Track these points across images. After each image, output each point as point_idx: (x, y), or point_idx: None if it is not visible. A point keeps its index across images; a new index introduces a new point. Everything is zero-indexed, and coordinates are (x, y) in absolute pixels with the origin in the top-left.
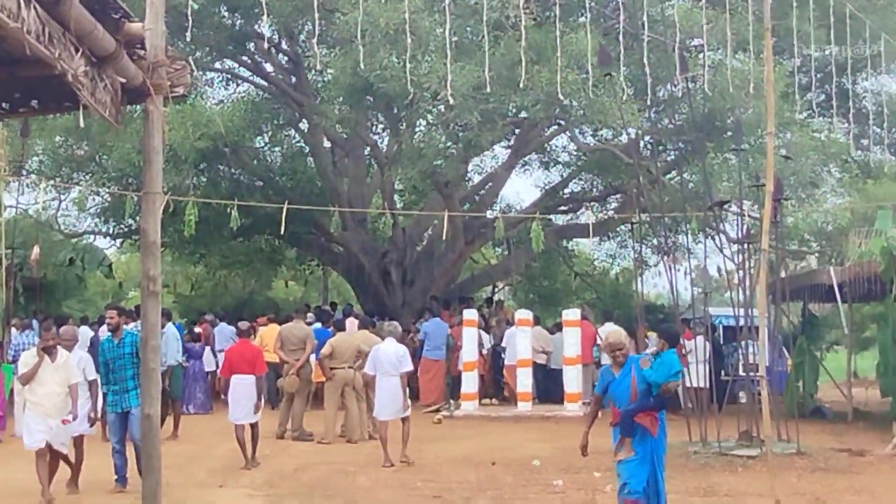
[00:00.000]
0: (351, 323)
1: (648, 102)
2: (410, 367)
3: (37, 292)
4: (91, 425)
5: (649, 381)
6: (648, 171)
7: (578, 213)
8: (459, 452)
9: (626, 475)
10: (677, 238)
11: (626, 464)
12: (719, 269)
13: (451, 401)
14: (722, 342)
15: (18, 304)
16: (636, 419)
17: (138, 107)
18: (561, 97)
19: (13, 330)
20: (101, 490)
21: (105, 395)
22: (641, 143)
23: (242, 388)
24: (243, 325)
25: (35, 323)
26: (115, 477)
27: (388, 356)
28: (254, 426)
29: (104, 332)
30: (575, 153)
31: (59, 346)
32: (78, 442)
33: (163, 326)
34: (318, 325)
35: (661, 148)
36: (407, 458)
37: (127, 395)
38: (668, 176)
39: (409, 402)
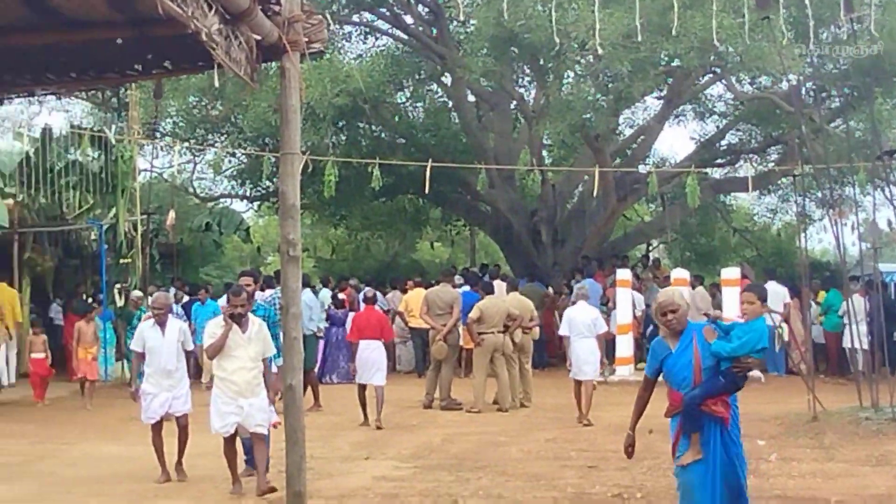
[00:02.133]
0: (499, 285)
1: (810, 46)
2: (605, 329)
3: (173, 259)
4: None
5: (720, 356)
6: (811, 119)
7: (736, 165)
8: (615, 420)
9: (694, 487)
10: (843, 190)
11: (692, 470)
12: (890, 223)
13: (606, 365)
14: (894, 300)
15: (155, 271)
16: (703, 407)
17: (274, 64)
18: (716, 43)
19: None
20: (223, 476)
21: None
22: (803, 90)
23: (370, 352)
24: (369, 291)
25: (172, 290)
26: (246, 458)
27: (583, 318)
28: (379, 389)
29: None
30: (732, 102)
31: (250, 315)
32: (182, 423)
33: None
34: (466, 287)
35: (824, 94)
36: (588, 421)
37: None
38: (833, 124)
39: (605, 361)
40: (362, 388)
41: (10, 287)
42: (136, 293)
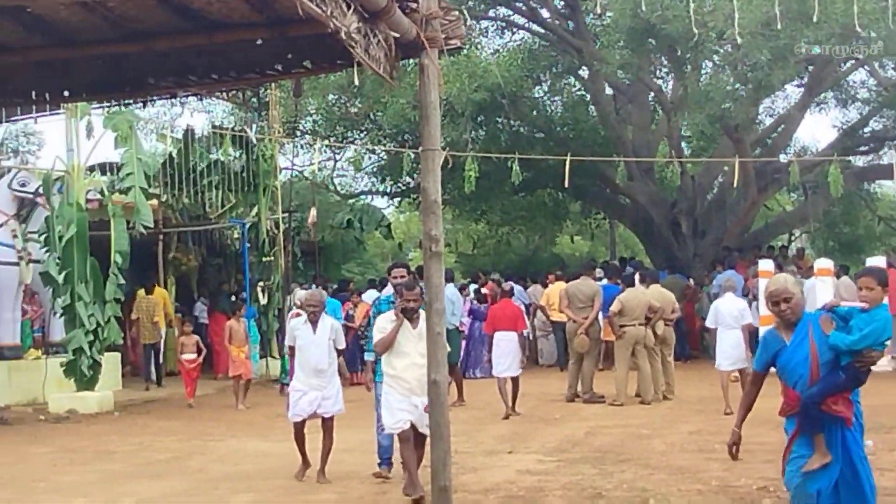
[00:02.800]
0: (639, 278)
1: None
2: (750, 320)
3: (315, 256)
4: None
5: (838, 350)
6: None
7: (880, 153)
8: (758, 412)
9: (823, 494)
10: None
11: (821, 477)
12: None
13: (751, 357)
14: None
15: (297, 268)
16: (824, 407)
17: (412, 61)
18: (858, 29)
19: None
20: (357, 476)
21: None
22: None
23: (505, 343)
24: (506, 284)
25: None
26: (379, 461)
27: (729, 310)
28: (515, 380)
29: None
30: (875, 88)
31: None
32: (329, 425)
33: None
34: (605, 280)
35: None
36: (732, 410)
37: None
38: None
39: (749, 354)
40: (502, 380)
41: (160, 287)
42: (301, 293)
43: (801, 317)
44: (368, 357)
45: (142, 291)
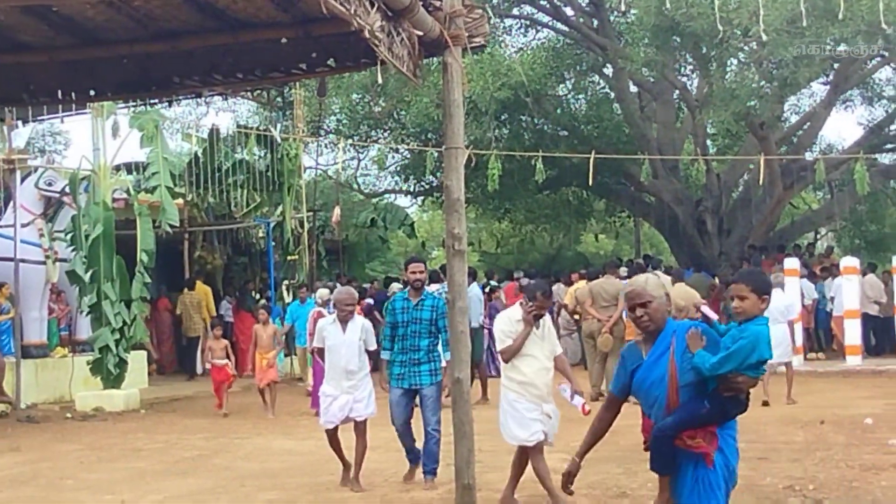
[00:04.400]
0: (664, 277)
1: None
2: (795, 315)
3: (339, 255)
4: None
5: (703, 372)
6: None
7: None
8: (784, 411)
9: None
10: None
11: None
12: None
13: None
14: None
15: (322, 267)
16: (678, 442)
17: (435, 59)
18: (884, 26)
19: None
20: (381, 474)
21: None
22: None
23: None
24: (522, 280)
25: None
26: (409, 457)
27: (777, 305)
28: None
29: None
30: None
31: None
32: (361, 429)
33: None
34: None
35: None
36: (792, 399)
37: (418, 370)
38: None
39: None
40: None
41: (204, 284)
42: (323, 291)
43: (662, 327)
44: (384, 356)
45: (185, 288)
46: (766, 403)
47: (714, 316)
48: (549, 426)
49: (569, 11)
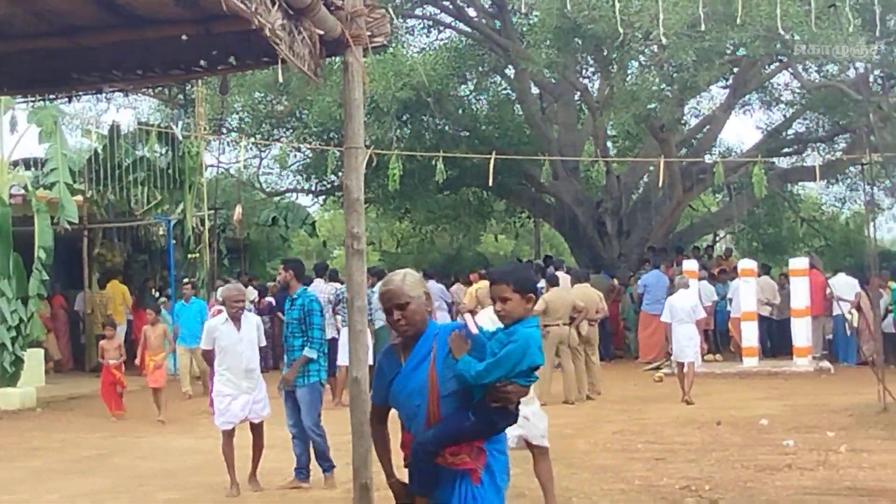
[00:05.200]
0: (564, 278)
1: (878, 33)
2: (704, 315)
3: (240, 253)
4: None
5: (468, 380)
6: (879, 107)
7: (804, 154)
8: (682, 412)
9: None
10: None
11: None
12: None
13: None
14: None
15: (222, 265)
16: (440, 459)
17: (338, 59)
18: (782, 31)
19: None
20: (279, 473)
21: None
22: (871, 78)
23: None
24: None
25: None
26: (296, 468)
27: (683, 306)
28: None
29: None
30: (798, 91)
31: None
32: (259, 430)
33: (372, 286)
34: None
35: (892, 82)
36: (689, 399)
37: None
38: None
39: (705, 346)
40: None
41: (121, 284)
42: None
43: (423, 330)
44: (310, 353)
45: (95, 286)
46: (688, 402)
47: (474, 328)
48: (528, 428)
49: (471, 12)
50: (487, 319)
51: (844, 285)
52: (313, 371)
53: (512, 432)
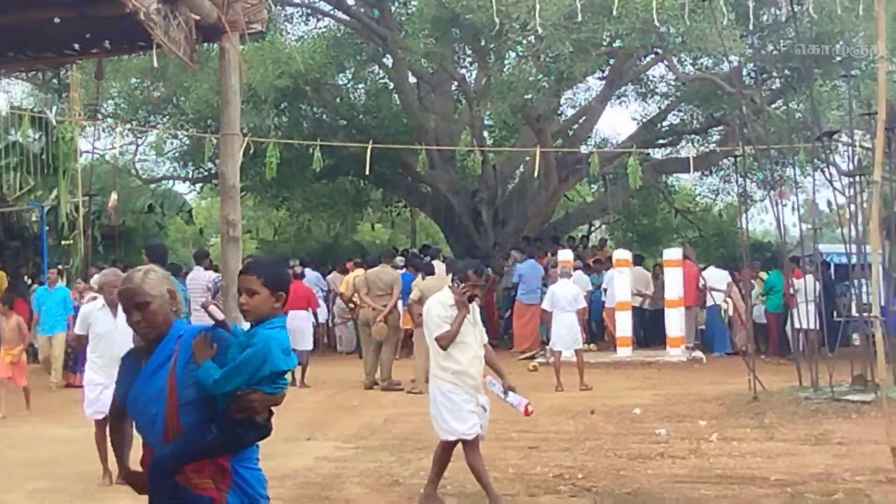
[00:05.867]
0: (440, 266)
1: (751, 27)
2: (584, 305)
3: (115, 240)
4: None
5: (207, 389)
6: (752, 100)
7: (678, 146)
8: (556, 401)
9: None
10: (784, 171)
11: None
12: (829, 204)
13: (547, 347)
14: (834, 281)
15: (97, 252)
16: (182, 478)
17: (215, 45)
18: (657, 24)
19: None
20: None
21: None
22: (744, 71)
23: (297, 321)
24: (297, 268)
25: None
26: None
27: (565, 295)
28: (304, 353)
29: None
30: (673, 83)
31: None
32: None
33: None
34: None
35: (765, 76)
36: (585, 385)
37: None
38: (774, 105)
39: (585, 335)
40: (297, 353)
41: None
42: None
43: (166, 332)
44: None
45: None
46: (559, 389)
47: (221, 315)
48: (483, 419)
49: (350, 1)
50: (438, 304)
51: (716, 277)
52: None
53: (473, 420)
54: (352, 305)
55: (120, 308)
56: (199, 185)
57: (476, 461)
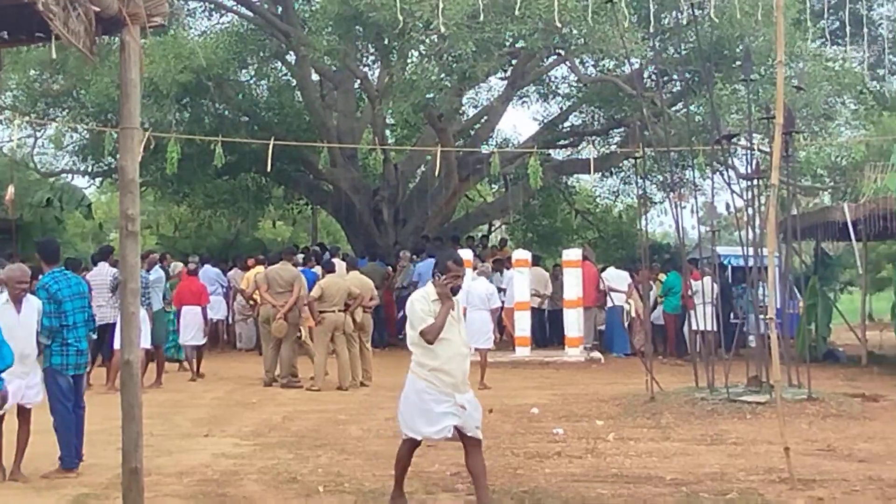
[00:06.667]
0: (340, 264)
1: (652, 30)
2: (498, 304)
3: (12, 234)
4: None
5: None
6: (653, 102)
7: (579, 147)
8: None
9: None
10: (683, 174)
11: None
12: (728, 207)
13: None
14: (731, 283)
15: None
16: None
17: (116, 38)
18: (559, 25)
19: None
20: (49, 458)
21: None
22: (645, 74)
23: (191, 316)
24: (192, 265)
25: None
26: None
27: (479, 293)
28: (200, 347)
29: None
30: (575, 84)
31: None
32: (27, 416)
33: (149, 269)
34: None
35: (665, 78)
36: (484, 385)
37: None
38: (674, 108)
39: (496, 335)
40: (189, 348)
41: None
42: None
43: None
44: (42, 340)
45: None
46: (484, 387)
47: None
48: (465, 417)
49: None
50: (420, 299)
51: (616, 277)
52: (46, 357)
53: (445, 423)
54: (252, 302)
55: (24, 303)
56: (98, 180)
57: (475, 464)
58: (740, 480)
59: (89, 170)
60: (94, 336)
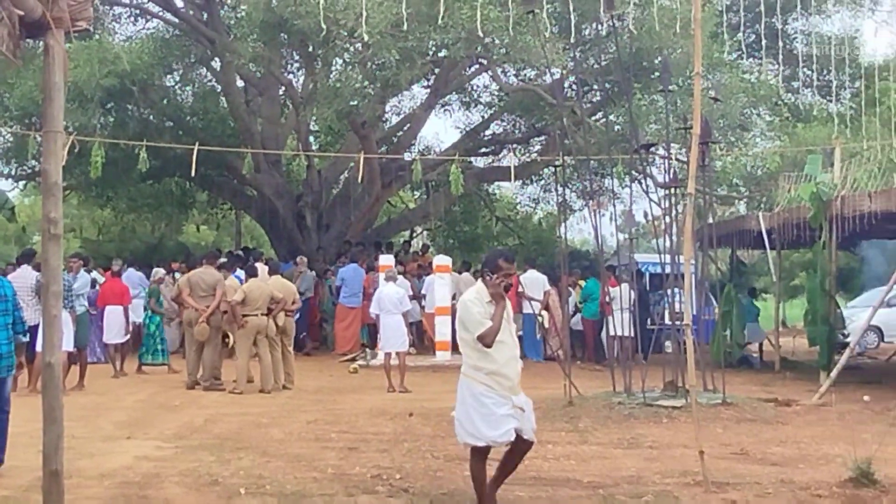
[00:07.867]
0: (262, 269)
1: (573, 41)
2: (410, 307)
3: None
4: None
5: None
6: (573, 112)
7: (500, 155)
8: (376, 404)
9: None
10: (602, 182)
11: None
12: (646, 215)
13: (367, 350)
14: (648, 290)
15: None
16: None
17: (41, 42)
18: (482, 35)
19: None
20: None
21: None
22: (566, 84)
23: (113, 316)
24: (115, 266)
25: None
26: None
27: (391, 297)
28: (123, 346)
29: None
30: (497, 93)
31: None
32: None
33: (76, 272)
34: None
35: (586, 88)
36: (405, 388)
37: None
38: (594, 118)
39: (411, 338)
40: (111, 346)
41: None
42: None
43: None
44: (24, 339)
45: None
46: (392, 391)
47: None
48: (522, 420)
49: (179, 2)
50: (475, 300)
51: (534, 281)
52: None
53: (509, 425)
54: (176, 306)
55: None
56: (22, 183)
57: (513, 462)
58: (656, 483)
59: (13, 173)
60: (25, 339)
